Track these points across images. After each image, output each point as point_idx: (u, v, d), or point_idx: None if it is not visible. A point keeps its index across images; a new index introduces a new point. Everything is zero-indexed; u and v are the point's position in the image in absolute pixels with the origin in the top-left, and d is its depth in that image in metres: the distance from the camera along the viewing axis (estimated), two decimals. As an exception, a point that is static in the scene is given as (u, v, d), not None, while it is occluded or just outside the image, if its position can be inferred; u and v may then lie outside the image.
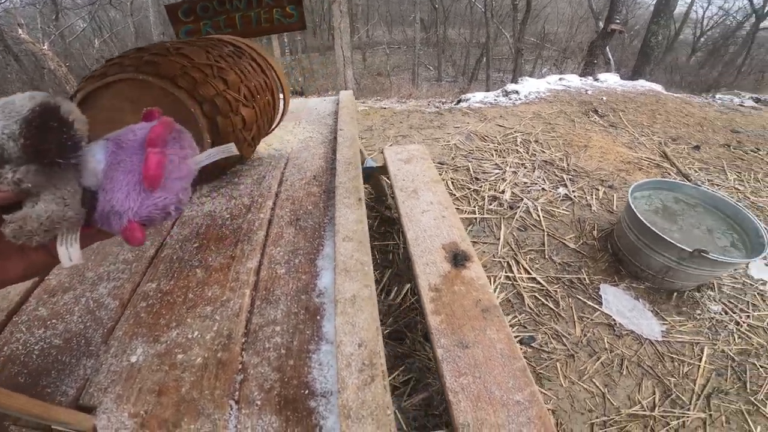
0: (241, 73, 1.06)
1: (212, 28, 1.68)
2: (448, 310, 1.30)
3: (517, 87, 4.37)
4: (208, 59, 1.01)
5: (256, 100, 1.10)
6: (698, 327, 1.83)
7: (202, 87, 0.97)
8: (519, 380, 1.10)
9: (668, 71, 12.90)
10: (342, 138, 1.38)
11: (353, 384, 0.63)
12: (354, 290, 0.79)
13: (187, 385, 0.65)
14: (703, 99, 4.88)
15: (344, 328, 0.72)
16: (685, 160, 3.08)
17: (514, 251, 2.09)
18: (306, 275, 0.88)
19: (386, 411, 0.61)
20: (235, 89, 1.03)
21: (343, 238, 0.92)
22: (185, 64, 0.97)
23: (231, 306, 0.80)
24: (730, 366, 1.69)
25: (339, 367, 0.65)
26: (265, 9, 1.71)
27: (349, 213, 1.00)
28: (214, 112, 0.99)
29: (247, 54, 1.17)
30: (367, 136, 3.15)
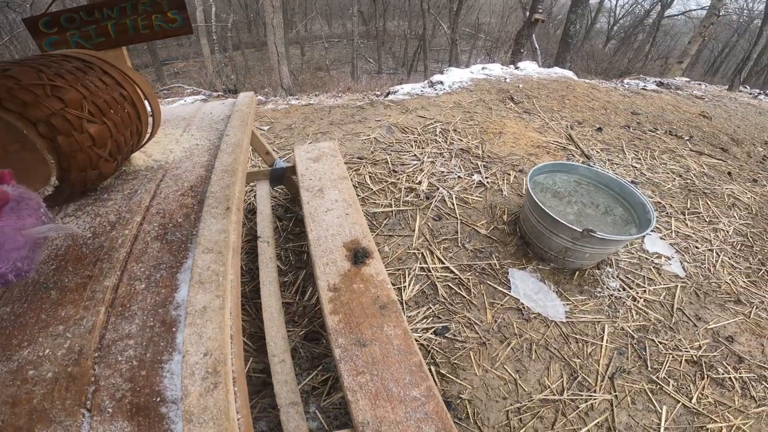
0: (85, 90, 1.00)
1: (81, 38, 1.56)
2: (346, 309, 1.31)
3: (442, 77, 4.48)
4: (39, 79, 0.95)
5: (107, 115, 1.03)
6: (599, 305, 1.91)
7: (33, 108, 0.91)
8: (415, 375, 1.13)
9: (586, 59, 13.82)
10: (225, 144, 1.34)
11: (196, 391, 0.68)
12: (205, 301, 0.81)
13: (38, 397, 0.69)
14: (610, 84, 5.29)
15: (191, 338, 0.75)
16: (589, 141, 3.32)
17: (429, 241, 2.15)
18: (165, 289, 0.88)
19: (229, 415, 0.65)
20: (77, 107, 0.97)
21: (203, 250, 0.91)
22: (11, 86, 0.91)
23: (84, 323, 0.81)
24: (630, 344, 1.77)
25: (183, 375, 0.70)
26: (143, 15, 1.61)
27: (214, 223, 0.98)
28: (53, 132, 0.93)
29: (97, 68, 1.10)
30: (286, 135, 3.08)
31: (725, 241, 2.48)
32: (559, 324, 1.82)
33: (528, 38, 8.78)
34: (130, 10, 1.59)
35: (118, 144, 1.08)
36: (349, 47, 17.44)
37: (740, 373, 1.74)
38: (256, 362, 1.60)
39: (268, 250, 1.74)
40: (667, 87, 5.63)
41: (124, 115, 1.10)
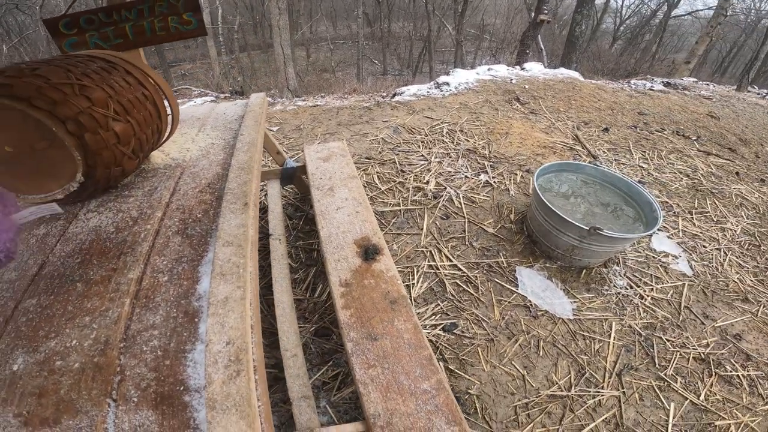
0: (110, 89, 1.04)
1: (100, 39, 1.59)
2: (357, 304, 1.34)
3: (448, 78, 4.51)
4: (68, 78, 0.99)
5: (131, 114, 1.08)
6: (606, 303, 1.92)
7: (63, 106, 0.95)
8: (426, 369, 1.16)
9: (592, 59, 13.79)
10: (240, 143, 1.37)
11: (219, 378, 0.70)
12: (227, 292, 0.84)
13: (65, 387, 0.71)
14: (617, 85, 5.28)
15: (214, 328, 0.78)
16: (596, 142, 3.33)
17: (437, 240, 2.18)
18: (187, 281, 0.91)
19: (251, 402, 0.67)
20: (103, 105, 1.01)
21: (224, 243, 0.94)
22: (41, 85, 0.95)
23: (110, 315, 0.83)
24: (638, 341, 1.78)
25: (206, 363, 0.72)
26: (159, 17, 1.64)
27: (233, 218, 1.01)
28: (81, 130, 0.97)
29: (121, 68, 1.14)
30: (295, 136, 3.13)
31: (733, 240, 2.47)
32: (567, 321, 1.84)
33: (533, 39, 8.78)
34: (147, 12, 1.62)
35: (140, 142, 1.12)
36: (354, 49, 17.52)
37: (748, 370, 1.74)
38: (268, 357, 1.63)
39: (280, 247, 1.78)
40: (674, 87, 5.61)
41: (146, 114, 1.14)
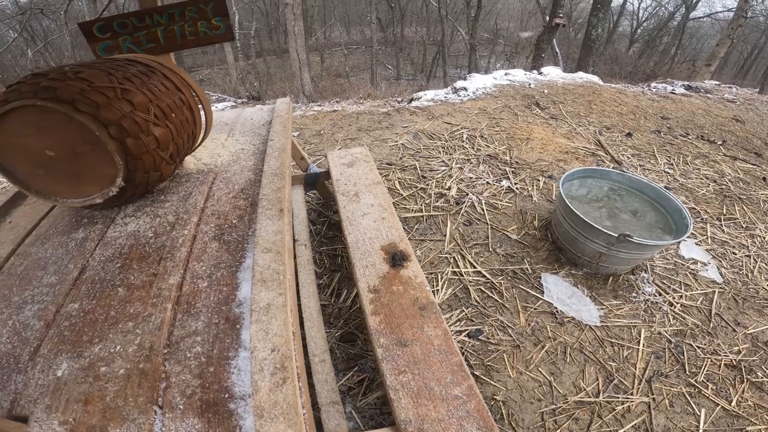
0: (150, 93, 1.06)
1: (132, 43, 1.63)
2: (386, 310, 1.33)
3: (465, 84, 4.49)
4: (110, 82, 1.00)
5: (170, 119, 1.09)
6: (634, 310, 1.90)
7: (106, 110, 0.97)
8: (457, 375, 1.14)
9: (609, 62, 13.62)
10: (271, 149, 1.38)
11: (265, 386, 0.69)
12: (269, 299, 0.83)
13: (111, 394, 0.70)
14: (637, 88, 5.19)
15: (258, 335, 0.77)
16: (619, 147, 3.28)
17: (460, 246, 2.16)
18: (227, 287, 0.91)
19: (297, 410, 0.66)
20: (144, 109, 1.03)
21: (263, 250, 0.94)
22: (85, 88, 0.97)
23: (153, 320, 0.83)
24: (668, 348, 1.75)
25: (252, 371, 0.71)
26: (190, 22, 1.67)
27: (270, 224, 1.01)
28: (123, 135, 0.98)
29: (159, 73, 1.16)
30: (316, 141, 3.14)
31: (762, 247, 2.41)
32: (594, 328, 1.81)
33: (549, 43, 8.73)
34: (178, 16, 1.65)
35: (177, 147, 1.14)
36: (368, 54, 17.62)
37: (781, 377, 1.70)
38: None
39: (306, 252, 1.78)
40: (696, 90, 5.49)
41: (183, 119, 1.15)
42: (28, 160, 1.05)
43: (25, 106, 0.94)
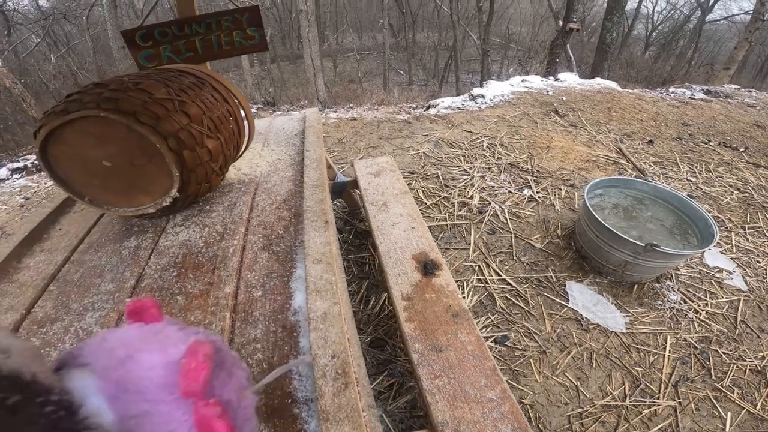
0: (203, 105, 1.10)
1: (173, 52, 1.68)
2: (420, 317, 1.37)
3: (482, 91, 4.52)
4: (168, 93, 1.04)
5: (220, 131, 1.13)
6: (660, 317, 1.92)
7: (165, 122, 0.99)
8: (490, 379, 1.17)
9: (625, 67, 13.50)
10: (308, 160, 1.43)
11: (329, 391, 0.71)
12: (324, 308, 0.86)
13: None
14: (656, 93, 5.16)
15: (318, 342, 0.80)
16: (640, 155, 3.27)
17: (485, 254, 2.18)
18: (281, 296, 0.94)
19: (360, 413, 0.69)
20: (199, 122, 1.06)
21: (313, 261, 0.98)
22: (146, 100, 0.99)
23: (214, 328, 0.86)
24: (693, 354, 1.77)
25: (315, 377, 0.73)
26: (226, 32, 1.71)
27: (318, 236, 1.05)
28: (180, 147, 1.02)
29: (208, 84, 1.20)
30: (338, 149, 3.20)
31: (787, 256, 2.39)
32: (619, 335, 1.84)
33: (563, 48, 8.70)
34: (215, 26, 1.69)
35: (225, 158, 1.19)
36: (380, 59, 17.73)
37: (806, 382, 1.70)
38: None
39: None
40: (715, 95, 5.43)
41: (230, 131, 1.20)
42: (84, 169, 1.07)
43: (86, 116, 0.95)
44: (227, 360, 0.31)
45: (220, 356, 0.29)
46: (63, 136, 1.00)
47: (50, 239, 1.28)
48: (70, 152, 1.03)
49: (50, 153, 1.06)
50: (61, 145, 1.02)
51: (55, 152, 1.06)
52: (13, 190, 3.42)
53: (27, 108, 7.95)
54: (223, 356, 0.30)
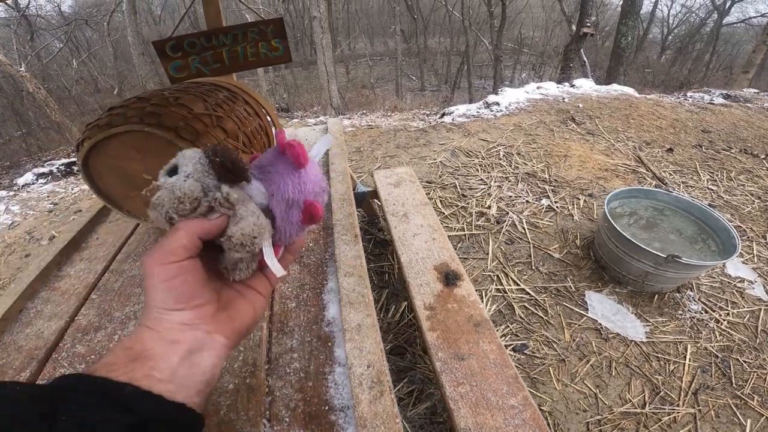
0: (238, 120, 1.13)
1: (200, 63, 1.71)
2: (443, 326, 1.39)
3: (497, 98, 4.53)
4: (206, 108, 1.06)
5: (253, 145, 1.17)
6: (680, 326, 1.92)
7: (204, 138, 1.02)
8: (512, 386, 1.19)
9: (641, 71, 13.35)
10: (334, 173, 1.46)
11: (366, 399, 0.74)
12: (358, 320, 0.89)
13: (224, 408, 0.74)
14: (674, 99, 5.09)
15: (353, 352, 0.83)
16: (660, 163, 3.24)
17: (503, 264, 2.19)
18: (314, 308, 0.97)
19: (395, 420, 0.72)
20: (234, 137, 1.10)
21: (345, 274, 1.01)
22: (186, 115, 1.00)
23: (252, 338, 0.89)
24: (714, 363, 1.77)
25: (352, 385, 0.76)
26: (251, 43, 1.74)
27: (348, 250, 1.08)
28: None
29: (241, 98, 1.24)
30: (356, 158, 3.24)
31: (810, 267, 2.35)
32: (639, 343, 1.84)
33: (577, 53, 8.66)
34: (241, 37, 1.72)
35: (257, 174, 1.22)
36: (392, 65, 17.85)
37: (826, 390, 1.69)
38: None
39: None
40: (735, 100, 5.34)
41: (262, 145, 1.24)
42: (125, 182, 1.09)
43: (130, 131, 0.97)
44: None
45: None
46: (106, 149, 1.02)
47: (89, 248, 1.32)
48: (112, 164, 1.06)
49: (92, 165, 1.08)
50: (102, 157, 1.04)
51: (96, 164, 1.08)
52: (41, 195, 3.54)
53: (50, 113, 8.20)
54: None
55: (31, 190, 3.76)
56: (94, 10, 14.99)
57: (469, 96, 13.05)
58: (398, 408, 1.62)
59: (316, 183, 0.47)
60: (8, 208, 3.29)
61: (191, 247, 0.39)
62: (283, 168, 0.45)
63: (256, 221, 0.42)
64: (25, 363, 0.85)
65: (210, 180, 0.41)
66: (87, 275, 1.16)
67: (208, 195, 0.41)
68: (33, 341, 0.91)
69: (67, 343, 0.91)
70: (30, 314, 1.02)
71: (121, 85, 13.08)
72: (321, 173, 0.48)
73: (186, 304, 0.39)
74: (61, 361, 0.86)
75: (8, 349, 0.89)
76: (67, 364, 0.85)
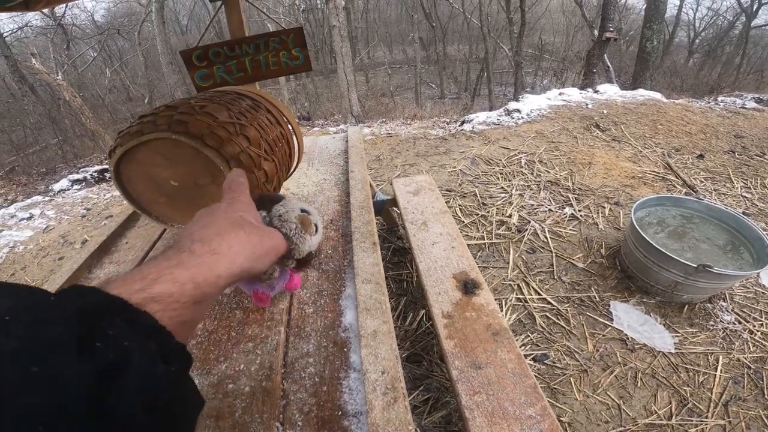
0: (260, 128, 1.15)
1: (225, 72, 1.76)
2: (460, 335, 1.37)
3: (518, 105, 4.48)
4: (230, 117, 1.09)
5: (275, 153, 1.19)
6: (711, 337, 1.86)
7: (228, 145, 1.05)
8: (530, 396, 1.17)
9: (668, 75, 12.95)
10: (354, 181, 1.47)
11: (379, 405, 0.73)
12: (374, 326, 0.89)
13: (239, 410, 0.75)
14: (704, 104, 4.92)
15: (368, 358, 0.82)
16: (690, 170, 3.12)
17: (524, 273, 2.15)
18: (332, 313, 0.98)
19: (408, 427, 0.71)
20: (257, 145, 1.12)
21: (363, 281, 1.01)
22: (211, 123, 1.03)
23: (269, 342, 0.90)
24: (747, 374, 1.72)
25: (366, 391, 0.75)
26: (273, 52, 1.78)
27: (366, 257, 1.08)
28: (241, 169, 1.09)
29: (263, 107, 1.27)
30: (376, 166, 3.25)
31: None
32: (667, 354, 1.79)
33: (600, 58, 8.50)
34: (263, 46, 1.76)
35: (279, 179, 1.24)
36: (411, 72, 17.92)
37: None
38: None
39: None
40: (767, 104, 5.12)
41: (283, 152, 1.26)
42: (153, 188, 1.13)
43: (159, 138, 1.00)
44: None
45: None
46: (136, 156, 1.06)
47: (118, 252, 1.37)
48: (141, 171, 1.10)
49: (123, 171, 1.13)
50: (133, 164, 1.08)
51: (127, 171, 1.13)
52: (75, 200, 3.71)
53: (85, 121, 8.55)
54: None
55: (66, 196, 3.93)
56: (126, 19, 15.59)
57: (490, 103, 12.96)
58: (413, 416, 1.61)
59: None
60: (43, 213, 3.46)
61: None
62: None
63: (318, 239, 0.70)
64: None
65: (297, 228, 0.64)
66: (115, 278, 1.20)
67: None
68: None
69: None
70: (61, 316, 1.05)
71: (151, 93, 13.55)
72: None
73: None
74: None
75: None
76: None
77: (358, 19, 21.77)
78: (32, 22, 13.20)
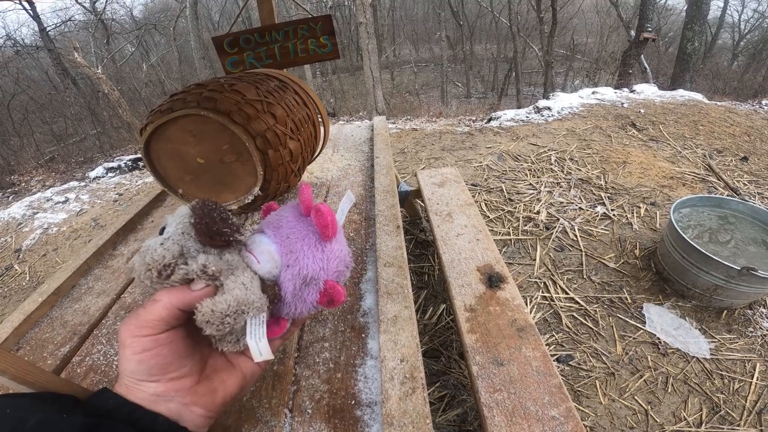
0: (287, 108, 1.14)
1: (254, 59, 1.77)
2: (483, 329, 1.32)
3: (549, 103, 4.35)
4: (258, 95, 1.09)
5: (300, 133, 1.18)
6: (750, 344, 1.77)
7: (255, 122, 1.05)
8: (555, 396, 1.11)
9: (710, 78, 12.33)
10: (378, 166, 1.44)
11: (396, 395, 0.68)
12: (395, 311, 0.84)
13: (247, 393, 0.72)
14: (749, 106, 4.65)
15: (387, 345, 0.77)
16: (733, 172, 2.95)
17: (551, 271, 2.07)
18: (351, 297, 0.94)
19: (426, 420, 0.65)
20: (283, 123, 1.11)
21: (385, 264, 0.98)
22: (239, 100, 1.04)
23: None
24: None
25: (383, 379, 0.70)
26: (301, 40, 1.78)
27: (389, 240, 1.05)
28: (266, 146, 1.07)
29: (291, 88, 1.26)
30: (400, 159, 3.22)
31: None
32: (702, 360, 1.71)
33: (637, 58, 8.18)
34: (291, 34, 1.76)
35: (303, 160, 1.23)
36: (436, 71, 17.77)
37: None
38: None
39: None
40: (821, 110, 4.78)
41: (308, 133, 1.25)
42: (180, 166, 1.14)
43: (188, 114, 1.01)
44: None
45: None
46: (165, 134, 1.07)
47: (143, 230, 1.38)
48: (170, 149, 1.11)
49: (152, 149, 1.14)
50: (162, 142, 1.09)
51: (156, 148, 1.14)
52: (108, 186, 3.84)
53: (122, 113, 8.88)
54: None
55: (100, 182, 4.08)
56: (162, 15, 16.08)
57: (518, 103, 12.69)
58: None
59: (341, 259, 0.41)
60: (78, 197, 3.59)
61: (170, 319, 0.36)
62: (304, 234, 0.39)
63: (239, 296, 0.36)
64: (67, 338, 0.87)
65: (192, 244, 0.37)
66: (138, 255, 1.21)
67: (188, 261, 0.36)
68: (78, 317, 0.93)
69: (109, 320, 0.92)
70: (81, 290, 1.05)
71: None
72: (347, 247, 0.43)
73: (160, 377, 0.37)
74: (100, 337, 0.87)
75: (54, 323, 0.93)
76: (105, 341, 0.86)
77: (384, 17, 21.76)
78: (75, 17, 13.78)
